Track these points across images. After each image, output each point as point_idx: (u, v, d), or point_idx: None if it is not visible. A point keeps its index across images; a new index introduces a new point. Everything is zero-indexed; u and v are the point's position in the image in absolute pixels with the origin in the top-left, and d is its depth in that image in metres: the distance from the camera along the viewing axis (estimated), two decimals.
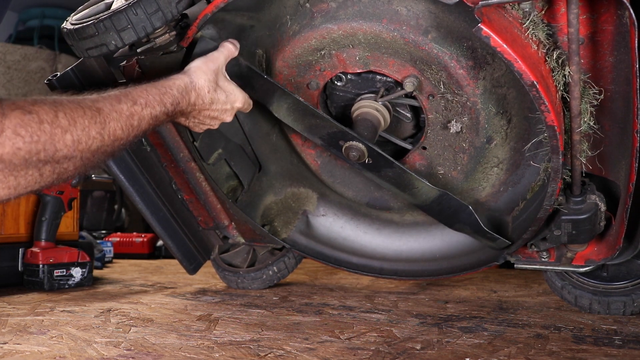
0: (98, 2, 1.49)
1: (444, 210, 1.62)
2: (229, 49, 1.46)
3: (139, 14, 1.33)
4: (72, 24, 1.40)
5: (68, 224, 2.46)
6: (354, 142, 1.52)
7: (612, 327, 1.54)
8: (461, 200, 1.59)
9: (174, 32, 1.47)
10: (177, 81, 1.32)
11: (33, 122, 0.96)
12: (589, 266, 1.63)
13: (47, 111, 0.99)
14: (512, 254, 1.67)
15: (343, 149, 1.54)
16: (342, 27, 1.46)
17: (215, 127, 1.48)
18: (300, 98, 1.55)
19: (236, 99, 1.46)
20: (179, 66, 1.52)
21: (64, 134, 1.00)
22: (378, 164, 1.56)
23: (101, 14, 1.36)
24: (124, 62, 1.59)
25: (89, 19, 1.37)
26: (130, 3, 1.33)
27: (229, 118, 1.48)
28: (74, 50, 1.41)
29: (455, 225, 1.65)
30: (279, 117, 1.61)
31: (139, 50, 1.48)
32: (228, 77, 1.46)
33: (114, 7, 1.40)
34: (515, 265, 1.70)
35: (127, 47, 1.43)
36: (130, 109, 1.18)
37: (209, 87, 1.39)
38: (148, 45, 1.46)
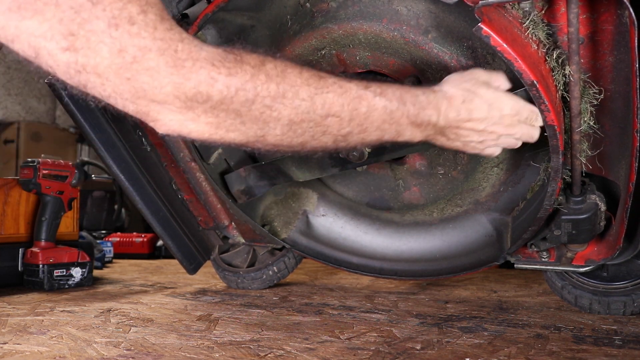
0: None
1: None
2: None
3: None
4: None
5: (68, 224, 2.46)
6: None
7: (612, 327, 1.54)
8: None
9: None
10: (422, 88, 1.16)
11: (233, 60, 0.89)
12: (589, 266, 1.63)
13: (254, 57, 0.92)
14: (512, 254, 1.67)
15: None
16: (343, 27, 1.46)
17: (494, 150, 1.27)
18: None
19: (503, 106, 1.21)
20: None
21: (268, 81, 0.91)
22: (377, 153, 1.56)
23: None
24: None
25: None
26: None
27: (504, 138, 1.24)
28: None
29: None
30: None
31: None
32: (495, 87, 1.24)
33: None
34: (515, 265, 1.70)
35: None
36: (360, 91, 1.03)
37: (464, 96, 1.18)
38: None
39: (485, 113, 1.19)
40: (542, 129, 1.27)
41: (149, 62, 0.82)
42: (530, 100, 1.23)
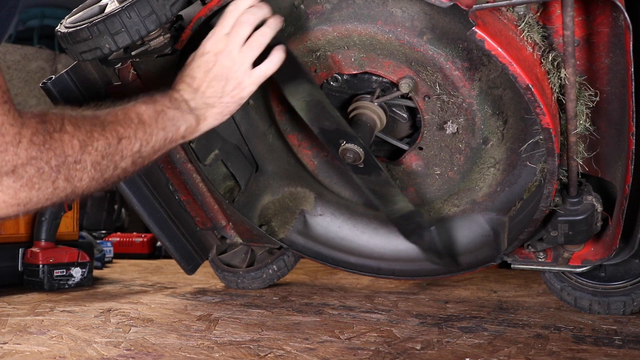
0: (92, 5, 1.49)
1: (408, 225, 1.70)
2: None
3: (132, 17, 1.32)
4: (66, 27, 1.40)
5: (68, 224, 2.46)
6: (353, 145, 1.51)
7: (612, 327, 1.54)
8: (427, 221, 1.69)
9: (168, 35, 1.47)
10: (183, 125, 1.26)
11: (46, 130, 0.96)
12: (585, 266, 1.63)
13: (55, 119, 0.99)
14: (509, 254, 1.67)
15: (340, 150, 1.53)
16: (337, 29, 1.46)
17: (252, 79, 1.32)
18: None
19: (205, 49, 1.30)
20: (175, 68, 1.52)
21: (71, 138, 1.00)
22: (369, 170, 1.57)
23: (95, 18, 1.36)
24: (119, 65, 1.59)
25: (83, 22, 1.37)
26: (124, 6, 1.33)
27: (235, 60, 1.30)
28: (68, 53, 1.42)
29: (411, 237, 1.74)
30: (288, 98, 1.54)
31: (133, 53, 1.48)
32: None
33: (107, 10, 1.39)
34: (512, 266, 1.70)
35: (122, 50, 1.43)
36: (124, 110, 1.15)
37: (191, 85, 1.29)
38: (142, 48, 1.46)
39: (203, 65, 1.29)
40: None
41: None
42: None
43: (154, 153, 1.19)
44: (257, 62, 1.32)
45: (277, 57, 1.34)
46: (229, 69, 1.29)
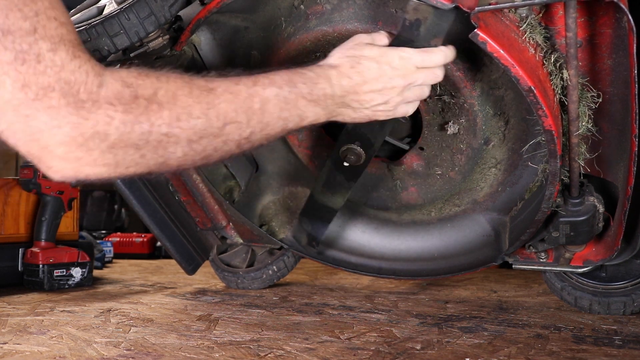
0: (90, 6, 1.49)
1: (315, 212, 1.70)
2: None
3: (131, 18, 1.32)
4: None
5: (68, 224, 2.46)
6: (354, 146, 1.50)
7: (612, 327, 1.54)
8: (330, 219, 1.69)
9: (167, 36, 1.47)
10: (310, 66, 1.14)
11: (129, 95, 0.89)
12: (587, 267, 1.63)
13: (147, 86, 0.91)
14: (510, 254, 1.67)
15: (341, 151, 1.52)
16: (338, 30, 1.45)
17: (406, 108, 1.22)
18: None
19: (390, 59, 1.16)
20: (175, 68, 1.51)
21: (161, 109, 0.91)
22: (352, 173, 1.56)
23: (93, 19, 1.35)
24: (117, 67, 1.59)
25: (81, 24, 1.36)
26: (122, 8, 1.32)
27: (408, 91, 1.19)
28: None
29: (301, 218, 1.74)
30: None
31: (132, 55, 1.47)
32: (379, 44, 1.20)
33: (106, 11, 1.39)
34: (513, 266, 1.70)
35: (121, 51, 1.42)
36: (250, 90, 1.01)
37: (351, 62, 1.15)
38: (141, 50, 1.46)
39: (377, 71, 1.15)
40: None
41: (50, 101, 0.82)
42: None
43: (265, 139, 1.07)
44: None
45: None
46: (404, 93, 1.20)
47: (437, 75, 1.22)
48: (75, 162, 0.87)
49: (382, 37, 1.22)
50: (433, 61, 1.20)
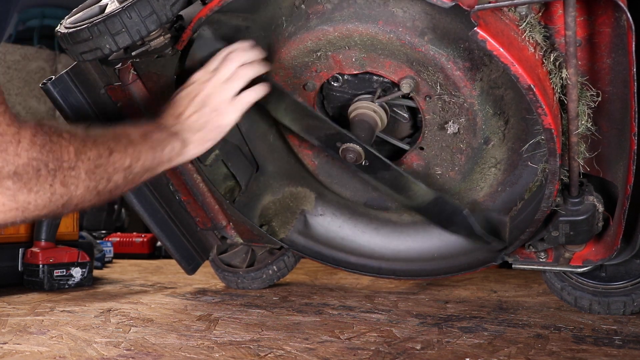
0: (92, 5, 1.49)
1: (440, 213, 1.64)
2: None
3: (133, 17, 1.32)
4: (66, 28, 1.39)
5: (68, 224, 2.46)
6: (351, 144, 1.52)
7: (612, 327, 1.54)
8: (456, 203, 1.61)
9: (168, 35, 1.47)
10: (168, 146, 1.31)
11: (45, 132, 0.97)
12: (586, 266, 1.63)
13: (51, 126, 1.01)
14: (510, 254, 1.67)
15: (340, 151, 1.54)
16: (338, 29, 1.45)
17: (229, 116, 1.42)
18: (299, 98, 1.55)
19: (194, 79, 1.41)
20: (175, 69, 1.52)
21: (68, 144, 1.02)
22: (375, 166, 1.57)
23: (95, 18, 1.36)
24: (119, 65, 1.59)
25: (83, 22, 1.37)
26: (124, 6, 1.33)
27: (221, 97, 1.40)
28: (68, 54, 1.41)
29: (450, 227, 1.68)
30: (277, 118, 1.62)
31: (133, 53, 1.47)
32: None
33: (108, 10, 1.39)
34: (513, 266, 1.70)
35: (122, 50, 1.43)
36: (119, 130, 1.20)
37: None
38: (143, 49, 1.46)
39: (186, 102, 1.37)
40: None
41: None
42: None
43: (144, 171, 1.23)
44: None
45: (259, 89, 1.45)
46: (212, 97, 1.37)
47: (252, 70, 1.43)
48: None
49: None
50: (236, 60, 1.43)
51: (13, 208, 0.95)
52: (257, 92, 1.45)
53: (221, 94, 1.39)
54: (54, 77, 1.64)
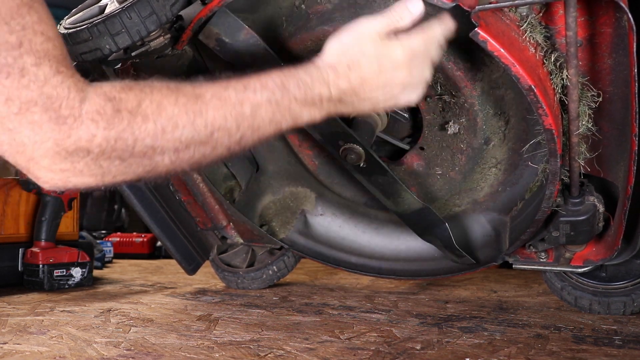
0: (91, 5, 1.49)
1: (420, 222, 1.66)
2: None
3: (133, 17, 1.32)
4: (65, 28, 1.39)
5: (68, 224, 2.46)
6: (354, 145, 1.51)
7: (612, 327, 1.54)
8: (439, 217, 1.63)
9: (168, 35, 1.47)
10: (305, 66, 1.09)
11: (111, 110, 0.88)
12: (587, 266, 1.63)
13: (131, 99, 0.90)
14: (510, 254, 1.67)
15: (341, 150, 1.54)
16: (338, 29, 1.45)
17: (412, 94, 1.13)
18: None
19: (392, 52, 1.09)
20: (178, 67, 1.52)
21: (145, 122, 0.90)
22: (371, 169, 1.56)
23: (95, 18, 1.35)
24: (119, 66, 1.59)
25: (83, 23, 1.36)
26: (124, 7, 1.32)
27: (413, 77, 1.11)
28: None
29: (425, 236, 1.70)
30: None
31: (133, 54, 1.47)
32: (381, 34, 1.10)
33: (107, 10, 1.39)
34: (513, 266, 1.70)
35: (122, 50, 1.43)
36: (240, 95, 0.98)
37: (348, 61, 1.09)
38: (143, 49, 1.46)
39: (377, 67, 1.08)
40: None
41: (33, 116, 0.82)
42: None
43: (258, 141, 1.04)
44: None
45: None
46: (400, 86, 1.12)
47: (438, 50, 1.15)
48: (61, 173, 0.88)
49: (383, 23, 1.12)
50: (435, 37, 1.13)
51: (90, 174, 0.89)
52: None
53: (413, 80, 1.13)
54: None
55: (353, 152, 1.52)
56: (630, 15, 1.14)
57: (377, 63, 1.09)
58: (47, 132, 0.83)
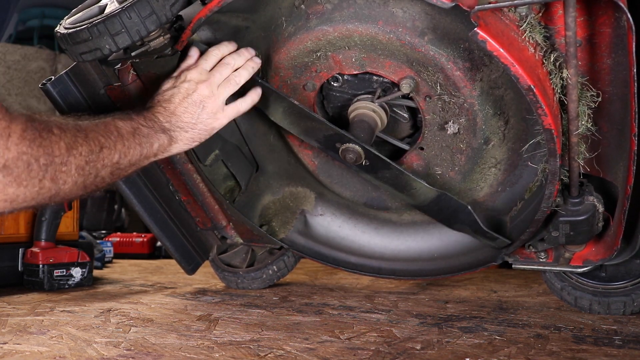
0: (91, 5, 1.49)
1: (443, 211, 1.63)
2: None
3: (133, 17, 1.32)
4: (65, 28, 1.39)
5: (68, 224, 2.46)
6: (351, 145, 1.52)
7: (612, 327, 1.54)
8: (459, 200, 1.60)
9: (168, 35, 1.47)
10: (156, 142, 1.34)
11: (35, 128, 0.99)
12: (586, 266, 1.63)
13: (42, 120, 1.04)
14: (510, 254, 1.67)
15: (340, 151, 1.54)
16: (338, 29, 1.45)
17: (224, 112, 1.45)
18: (296, 101, 1.56)
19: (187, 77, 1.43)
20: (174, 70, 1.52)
21: (59, 140, 1.04)
22: (375, 166, 1.57)
23: (95, 18, 1.35)
24: (119, 66, 1.59)
25: (83, 23, 1.37)
26: (124, 7, 1.33)
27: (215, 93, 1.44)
28: (67, 54, 1.41)
29: (454, 225, 1.66)
30: (275, 121, 1.62)
31: (133, 54, 1.47)
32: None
33: (107, 10, 1.39)
34: (513, 266, 1.70)
35: (122, 50, 1.43)
36: (108, 121, 1.23)
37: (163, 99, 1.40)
38: (142, 49, 1.46)
39: (178, 93, 1.40)
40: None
41: None
42: None
43: (130, 166, 1.26)
44: (231, 99, 1.48)
45: (251, 98, 1.51)
46: (207, 99, 1.40)
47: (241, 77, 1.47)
48: None
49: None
50: (214, 57, 1.46)
51: (1, 199, 0.96)
52: (251, 100, 1.51)
53: (216, 98, 1.42)
54: (53, 77, 1.63)
55: (351, 151, 1.52)
56: (629, 15, 1.14)
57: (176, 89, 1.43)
58: None
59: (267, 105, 1.59)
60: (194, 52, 1.47)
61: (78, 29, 1.35)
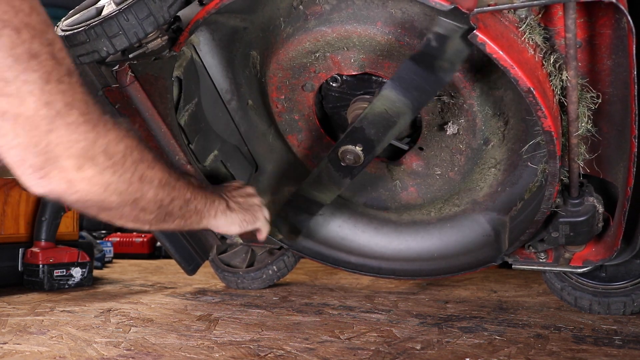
0: (89, 7, 1.49)
1: (301, 205, 1.76)
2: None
3: (130, 19, 1.32)
4: (62, 30, 1.39)
5: (68, 224, 2.46)
6: (349, 147, 1.51)
7: (612, 327, 1.54)
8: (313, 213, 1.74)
9: (166, 37, 1.46)
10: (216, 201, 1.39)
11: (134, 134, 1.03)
12: (586, 267, 1.63)
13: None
14: (510, 254, 1.67)
15: (339, 153, 1.53)
16: (336, 30, 1.45)
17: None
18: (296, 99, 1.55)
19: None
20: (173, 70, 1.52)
21: (149, 152, 1.07)
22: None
23: (92, 20, 1.35)
24: (116, 68, 1.59)
25: (80, 25, 1.36)
26: (121, 9, 1.32)
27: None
28: None
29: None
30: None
31: (131, 55, 1.47)
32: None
33: (105, 12, 1.39)
34: (513, 266, 1.70)
35: (119, 52, 1.43)
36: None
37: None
38: (140, 51, 1.45)
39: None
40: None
41: (70, 118, 0.89)
42: None
43: (194, 213, 1.28)
44: None
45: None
46: (254, 212, 1.52)
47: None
48: (71, 177, 0.94)
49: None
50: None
51: (97, 183, 0.96)
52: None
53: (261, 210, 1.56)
54: None
55: (353, 154, 1.52)
56: (629, 17, 1.13)
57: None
58: (81, 133, 0.91)
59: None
60: None
61: (75, 31, 1.35)
